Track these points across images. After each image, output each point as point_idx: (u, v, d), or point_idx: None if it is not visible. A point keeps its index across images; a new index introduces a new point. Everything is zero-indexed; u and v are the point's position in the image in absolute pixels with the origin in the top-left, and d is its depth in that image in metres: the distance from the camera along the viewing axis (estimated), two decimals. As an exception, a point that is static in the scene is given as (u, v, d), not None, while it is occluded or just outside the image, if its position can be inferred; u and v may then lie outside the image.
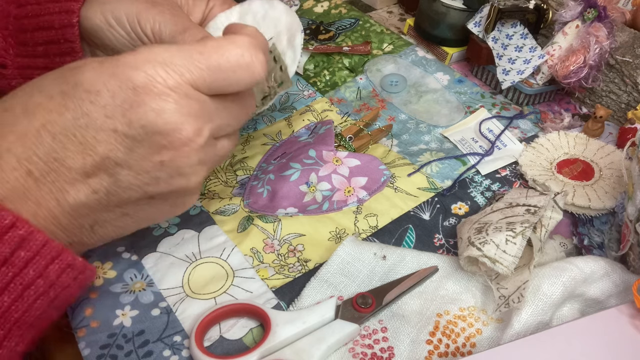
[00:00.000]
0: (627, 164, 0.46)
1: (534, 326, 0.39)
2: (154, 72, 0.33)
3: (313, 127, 0.59)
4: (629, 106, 0.58)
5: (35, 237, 0.32)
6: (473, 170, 0.55)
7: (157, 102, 0.32)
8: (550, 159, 0.55)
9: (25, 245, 0.32)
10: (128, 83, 0.32)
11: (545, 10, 0.61)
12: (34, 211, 0.33)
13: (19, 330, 0.34)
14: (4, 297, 0.32)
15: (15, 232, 0.31)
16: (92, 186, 0.34)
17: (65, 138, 0.33)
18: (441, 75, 0.67)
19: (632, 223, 0.41)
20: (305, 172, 0.52)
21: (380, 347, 0.40)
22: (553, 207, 0.45)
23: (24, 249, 0.32)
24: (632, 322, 0.37)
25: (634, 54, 0.57)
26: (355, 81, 0.66)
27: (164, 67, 0.33)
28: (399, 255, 0.45)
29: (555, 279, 0.40)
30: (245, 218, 0.49)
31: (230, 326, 0.41)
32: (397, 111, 0.62)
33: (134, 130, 0.33)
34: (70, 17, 0.48)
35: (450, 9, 0.66)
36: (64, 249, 0.34)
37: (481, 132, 0.59)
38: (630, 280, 0.41)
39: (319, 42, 0.71)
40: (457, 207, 0.51)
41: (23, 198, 0.33)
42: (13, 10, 0.52)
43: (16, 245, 0.32)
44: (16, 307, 0.33)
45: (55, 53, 0.51)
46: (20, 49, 0.52)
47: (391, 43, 0.71)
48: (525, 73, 0.60)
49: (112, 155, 0.33)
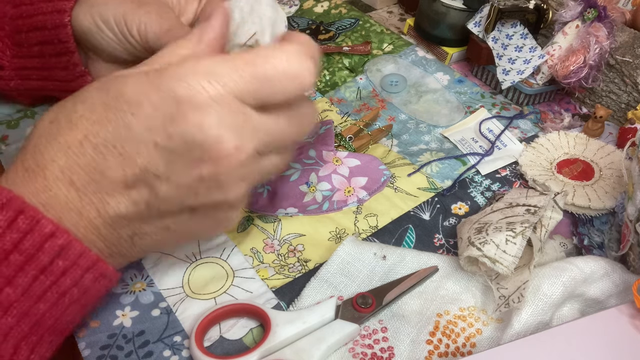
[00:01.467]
0: (627, 164, 0.46)
1: (534, 326, 0.39)
2: (197, 83, 0.32)
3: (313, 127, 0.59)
4: (629, 106, 0.58)
5: (74, 246, 0.33)
6: (473, 170, 0.55)
7: (198, 115, 0.32)
8: (550, 159, 0.55)
9: (63, 254, 0.32)
10: (170, 95, 0.32)
11: (545, 10, 0.61)
12: (75, 221, 0.33)
13: (50, 337, 0.34)
14: (40, 305, 0.33)
15: (55, 241, 0.32)
16: (132, 198, 0.34)
17: (106, 149, 0.33)
18: (441, 75, 0.67)
19: (632, 223, 0.41)
20: (305, 172, 0.52)
21: (380, 347, 0.40)
22: (553, 207, 0.45)
23: (62, 258, 0.32)
24: (632, 322, 0.37)
25: (634, 54, 0.57)
26: (355, 81, 0.66)
27: (207, 77, 0.32)
28: (399, 255, 0.45)
29: (555, 279, 0.40)
30: (245, 218, 0.49)
31: (230, 326, 0.41)
32: (397, 111, 0.62)
33: (174, 144, 0.32)
34: (62, 17, 0.48)
35: (450, 9, 0.66)
36: (98, 259, 0.34)
37: (481, 132, 0.59)
38: (630, 280, 0.41)
39: (319, 42, 0.71)
40: (457, 207, 0.51)
41: (65, 207, 0.33)
42: (9, 11, 0.52)
43: (55, 254, 0.32)
44: (50, 314, 0.33)
45: (50, 53, 0.51)
46: (17, 50, 0.52)
47: (391, 43, 0.71)
48: (525, 73, 0.60)
49: (152, 168, 0.33)
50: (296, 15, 0.77)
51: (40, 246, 0.32)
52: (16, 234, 0.31)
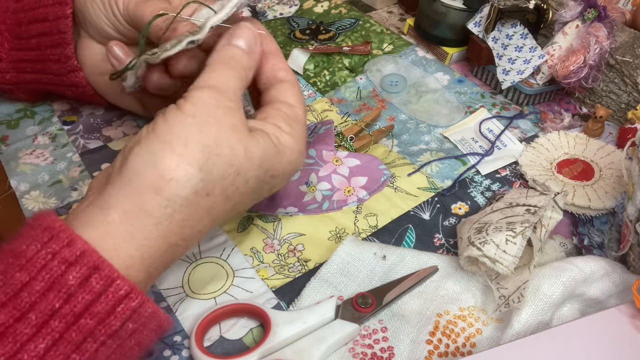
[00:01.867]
0: (627, 164, 0.46)
1: (534, 326, 0.39)
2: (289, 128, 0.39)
3: (313, 127, 0.59)
4: (629, 106, 0.58)
5: (146, 308, 0.31)
6: (473, 170, 0.55)
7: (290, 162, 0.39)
8: (550, 159, 0.55)
9: (135, 317, 0.31)
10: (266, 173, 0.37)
11: (545, 10, 0.61)
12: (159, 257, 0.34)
13: None
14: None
15: (129, 303, 0.31)
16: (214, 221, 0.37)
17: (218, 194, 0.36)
18: (441, 75, 0.67)
19: (632, 223, 0.41)
20: (305, 172, 0.52)
21: (380, 347, 0.40)
22: (553, 207, 0.45)
23: (133, 321, 0.31)
24: (632, 322, 0.37)
25: (634, 54, 0.57)
26: (355, 81, 0.66)
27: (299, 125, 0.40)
28: (399, 255, 0.45)
29: (555, 279, 0.40)
30: (245, 218, 0.49)
31: (230, 326, 0.41)
32: (397, 111, 0.62)
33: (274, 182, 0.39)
34: (64, 9, 0.50)
35: (450, 9, 0.66)
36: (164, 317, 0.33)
37: (481, 132, 0.59)
38: (630, 280, 0.41)
39: (319, 42, 0.71)
40: (457, 207, 0.51)
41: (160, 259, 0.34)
42: (11, 5, 0.53)
43: (127, 318, 0.31)
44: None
45: (46, 45, 0.52)
46: (15, 43, 0.53)
47: (391, 43, 0.71)
48: (525, 73, 0.60)
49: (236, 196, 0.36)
50: (296, 15, 0.77)
51: (112, 309, 0.30)
52: (89, 295, 0.29)
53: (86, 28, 0.52)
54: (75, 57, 0.52)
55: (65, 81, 0.54)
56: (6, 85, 0.56)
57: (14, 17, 0.52)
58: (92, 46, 0.53)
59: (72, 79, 0.53)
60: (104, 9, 0.49)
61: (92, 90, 0.55)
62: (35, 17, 0.51)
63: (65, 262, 0.29)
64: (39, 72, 0.54)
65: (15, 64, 0.54)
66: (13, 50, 0.53)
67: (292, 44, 0.70)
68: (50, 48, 0.52)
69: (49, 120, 0.59)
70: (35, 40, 0.52)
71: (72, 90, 0.55)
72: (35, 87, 0.57)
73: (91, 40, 0.52)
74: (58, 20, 0.50)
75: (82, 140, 0.57)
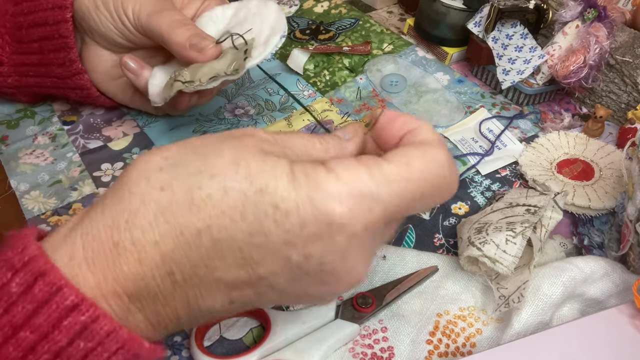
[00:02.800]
0: (627, 164, 0.46)
1: (534, 326, 0.39)
2: (359, 210, 0.27)
3: (313, 127, 0.59)
4: (629, 106, 0.58)
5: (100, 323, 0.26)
6: (473, 170, 0.55)
7: (348, 244, 0.27)
8: (550, 159, 0.55)
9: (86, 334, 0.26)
10: (325, 217, 0.26)
11: (545, 10, 0.61)
12: (157, 310, 0.28)
13: None
14: None
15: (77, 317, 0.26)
16: (232, 297, 0.29)
17: (228, 249, 0.27)
18: (441, 75, 0.67)
19: (632, 223, 0.41)
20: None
21: (380, 347, 0.40)
22: (553, 207, 0.45)
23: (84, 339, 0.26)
24: (632, 322, 0.37)
25: (634, 54, 0.57)
26: (355, 81, 0.66)
27: (369, 203, 0.27)
28: (399, 255, 0.45)
29: (555, 279, 0.40)
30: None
31: (230, 326, 0.41)
32: (397, 111, 0.62)
33: (309, 265, 0.28)
34: (63, 13, 0.50)
35: (450, 9, 0.66)
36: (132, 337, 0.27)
37: (481, 132, 0.59)
38: (630, 280, 0.41)
39: (319, 42, 0.71)
40: (457, 207, 0.51)
41: (154, 299, 0.28)
42: (10, 8, 0.52)
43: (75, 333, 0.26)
44: None
45: (49, 49, 0.52)
46: (16, 47, 0.53)
47: (391, 43, 0.71)
48: (525, 73, 0.60)
49: (272, 279, 0.28)
50: (296, 15, 0.77)
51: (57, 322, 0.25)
52: (30, 304, 0.25)
53: (92, 36, 0.52)
54: (79, 60, 0.52)
55: (69, 84, 0.54)
56: (8, 89, 0.56)
57: (13, 21, 0.52)
58: (99, 53, 0.53)
59: (76, 82, 0.53)
60: (112, 19, 0.49)
61: (96, 92, 0.55)
62: (35, 21, 0.51)
63: (12, 269, 0.26)
64: (42, 76, 0.54)
65: (17, 68, 0.54)
66: (15, 54, 0.53)
67: (292, 44, 0.70)
68: (54, 52, 0.52)
69: (49, 120, 0.59)
70: (38, 45, 0.52)
71: (77, 92, 0.55)
72: (38, 91, 0.57)
73: (98, 47, 0.53)
74: (58, 25, 0.50)
75: (82, 140, 0.57)
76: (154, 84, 0.50)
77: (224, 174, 0.27)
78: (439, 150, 0.29)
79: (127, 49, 0.52)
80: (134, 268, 0.27)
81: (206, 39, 0.48)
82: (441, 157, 0.29)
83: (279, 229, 0.26)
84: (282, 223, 0.26)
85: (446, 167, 0.29)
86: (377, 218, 0.27)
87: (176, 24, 0.48)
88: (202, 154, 0.28)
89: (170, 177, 0.27)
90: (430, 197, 0.29)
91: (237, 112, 0.61)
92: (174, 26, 0.47)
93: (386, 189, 0.27)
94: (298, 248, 0.27)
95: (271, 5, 0.51)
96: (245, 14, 0.51)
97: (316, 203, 0.26)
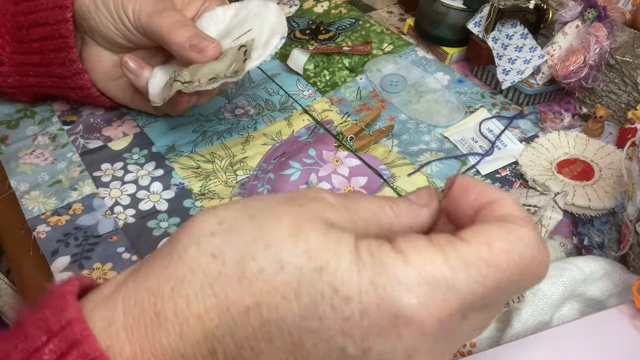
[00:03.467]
0: (627, 164, 0.46)
1: (534, 326, 0.39)
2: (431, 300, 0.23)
3: (313, 127, 0.59)
4: (629, 106, 0.58)
5: None
6: (473, 170, 0.55)
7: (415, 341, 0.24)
8: (550, 159, 0.55)
9: None
10: (390, 307, 0.23)
11: (545, 10, 0.61)
12: None
13: None
14: None
15: None
16: None
17: (277, 331, 0.24)
18: (441, 75, 0.67)
19: (632, 223, 0.41)
20: (305, 172, 0.52)
21: (380, 347, 0.40)
22: (553, 207, 0.45)
23: None
24: (632, 322, 0.37)
25: (634, 54, 0.57)
26: (355, 81, 0.66)
27: (444, 292, 0.23)
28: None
29: (555, 279, 0.40)
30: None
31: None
32: (397, 111, 0.62)
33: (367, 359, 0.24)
34: (64, 13, 0.50)
35: (450, 9, 0.66)
36: None
37: (481, 132, 0.59)
38: (630, 280, 0.41)
39: (319, 42, 0.71)
40: (457, 207, 0.51)
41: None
42: (10, 8, 0.52)
43: None
44: None
45: (50, 49, 0.52)
46: (17, 46, 0.53)
47: (391, 43, 0.71)
48: (525, 73, 0.60)
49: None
50: (296, 15, 0.77)
51: None
52: None
53: (92, 36, 0.52)
54: (79, 59, 0.52)
55: (70, 84, 0.54)
56: (8, 89, 0.56)
57: (13, 20, 0.52)
58: (100, 53, 0.53)
59: (77, 82, 0.53)
60: (112, 20, 0.49)
61: (97, 92, 0.55)
62: (36, 20, 0.51)
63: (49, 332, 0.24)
64: (42, 76, 0.54)
65: (18, 68, 0.54)
66: (15, 54, 0.53)
67: (292, 44, 0.70)
68: (54, 52, 0.52)
69: (49, 120, 0.59)
70: (38, 44, 0.52)
71: (77, 92, 0.55)
72: (38, 91, 0.57)
73: (98, 47, 0.53)
74: (59, 24, 0.50)
75: (82, 140, 0.57)
76: (153, 84, 0.50)
77: (281, 245, 0.24)
78: (526, 230, 0.25)
79: (127, 49, 0.52)
80: (174, 342, 0.24)
81: (206, 39, 0.48)
82: (528, 237, 0.25)
83: (336, 315, 0.23)
84: (340, 309, 0.23)
85: (534, 247, 0.25)
86: (453, 310, 0.23)
87: (176, 25, 0.48)
88: (259, 218, 0.25)
89: (223, 244, 0.24)
90: (516, 282, 0.25)
91: (237, 112, 0.61)
92: (174, 26, 0.48)
93: (464, 275, 0.23)
94: (356, 339, 0.24)
95: (271, 5, 0.51)
96: (245, 15, 0.51)
97: (380, 290, 0.23)
